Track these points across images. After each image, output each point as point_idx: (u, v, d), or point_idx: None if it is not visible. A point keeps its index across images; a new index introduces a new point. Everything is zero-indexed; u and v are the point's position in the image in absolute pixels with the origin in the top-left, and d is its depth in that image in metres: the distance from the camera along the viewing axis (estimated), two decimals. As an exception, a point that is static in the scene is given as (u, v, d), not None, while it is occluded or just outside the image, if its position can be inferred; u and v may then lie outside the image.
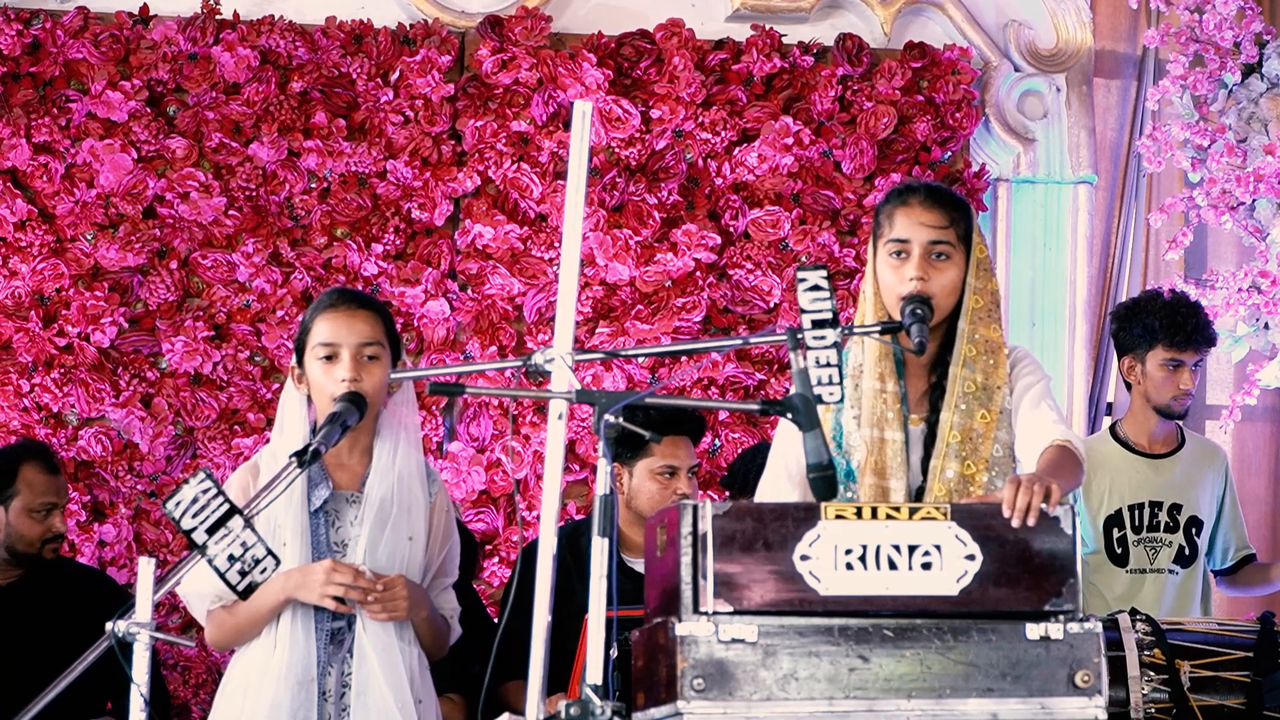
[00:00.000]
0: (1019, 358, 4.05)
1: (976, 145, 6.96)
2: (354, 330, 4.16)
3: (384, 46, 6.56)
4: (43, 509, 5.49)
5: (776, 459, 4.02)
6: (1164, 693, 4.17)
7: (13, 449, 5.67)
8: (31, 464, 5.54)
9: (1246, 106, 6.71)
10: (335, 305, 4.20)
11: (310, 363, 4.17)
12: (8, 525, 5.46)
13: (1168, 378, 5.84)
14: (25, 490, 5.48)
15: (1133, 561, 5.86)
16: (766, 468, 4.05)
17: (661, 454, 5.30)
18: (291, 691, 4.08)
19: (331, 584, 4.07)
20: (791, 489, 3.95)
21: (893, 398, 3.96)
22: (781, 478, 3.98)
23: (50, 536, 5.50)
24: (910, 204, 4.00)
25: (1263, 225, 6.68)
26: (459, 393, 3.70)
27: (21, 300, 6.29)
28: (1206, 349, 5.87)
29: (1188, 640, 4.25)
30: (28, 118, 6.34)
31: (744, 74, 6.75)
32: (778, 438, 4.06)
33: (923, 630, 3.41)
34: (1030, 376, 4.00)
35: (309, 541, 4.15)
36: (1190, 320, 5.80)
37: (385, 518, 4.18)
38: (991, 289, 4.03)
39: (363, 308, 4.21)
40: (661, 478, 5.31)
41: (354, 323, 4.17)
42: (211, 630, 4.22)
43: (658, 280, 6.61)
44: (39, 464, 5.56)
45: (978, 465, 3.93)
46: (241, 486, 4.17)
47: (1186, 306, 5.85)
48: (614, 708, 3.27)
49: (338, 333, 4.16)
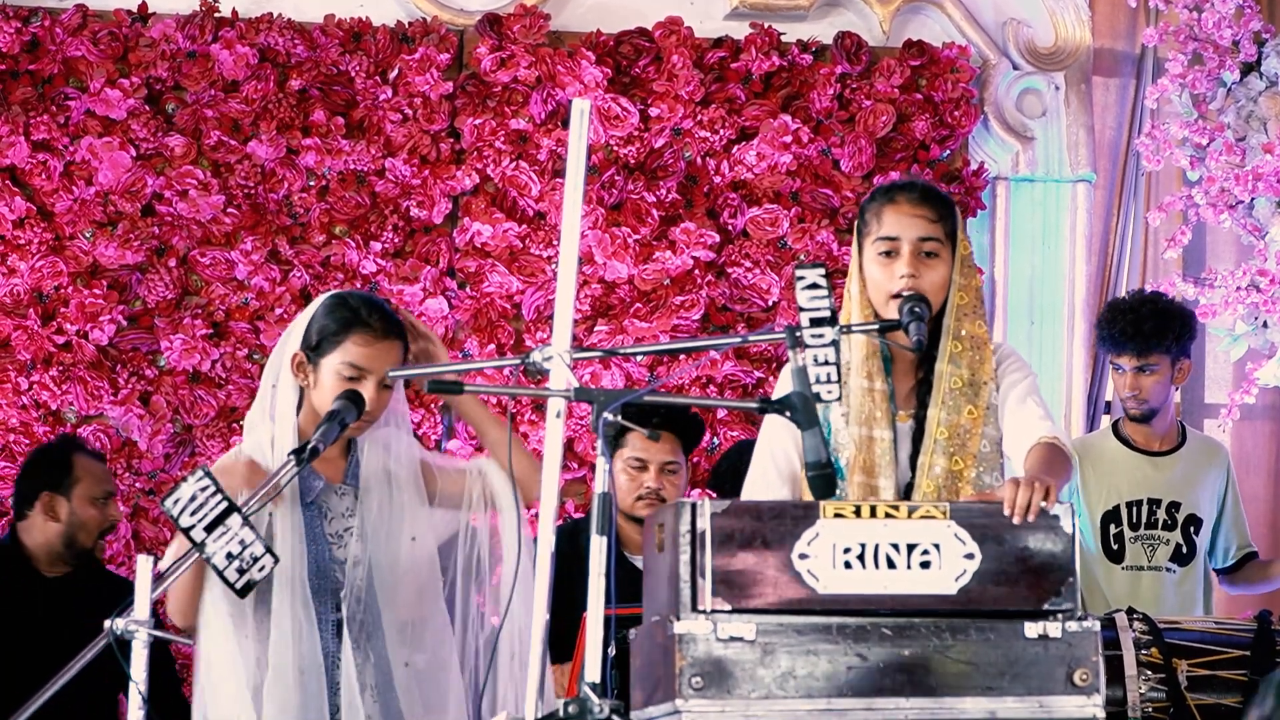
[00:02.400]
0: (1005, 354, 4.05)
1: (975, 143, 6.96)
2: (386, 360, 4.12)
3: (382, 44, 6.56)
4: (103, 496, 5.55)
5: (764, 454, 4.01)
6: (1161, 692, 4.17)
7: (57, 443, 5.76)
8: (82, 453, 5.62)
9: (1245, 105, 6.71)
10: (372, 328, 4.13)
11: (329, 372, 4.12)
12: (72, 514, 5.51)
13: (1117, 379, 5.87)
14: (87, 478, 5.54)
15: (1129, 558, 5.86)
16: (753, 463, 4.04)
17: (632, 446, 5.32)
18: (301, 684, 4.08)
19: None
20: (781, 485, 3.95)
21: (881, 396, 3.96)
22: (770, 473, 3.98)
23: (106, 527, 5.58)
24: (899, 201, 3.99)
25: (1261, 224, 6.68)
26: (457, 391, 3.71)
27: (20, 298, 6.29)
28: (1150, 354, 5.76)
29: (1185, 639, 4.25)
30: (26, 115, 6.33)
31: (743, 72, 6.75)
32: (764, 433, 4.06)
33: (921, 629, 3.41)
34: (1016, 374, 4.00)
35: (302, 535, 4.15)
36: (1127, 325, 5.76)
37: (380, 506, 4.18)
38: (975, 285, 4.03)
39: (398, 338, 4.17)
40: (630, 469, 5.34)
41: (389, 354, 4.13)
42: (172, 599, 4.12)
43: (656, 278, 6.61)
44: (88, 453, 5.66)
45: (965, 460, 3.93)
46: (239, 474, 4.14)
47: (1132, 312, 5.80)
48: (612, 706, 3.27)
49: (372, 360, 4.12)
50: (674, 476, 5.38)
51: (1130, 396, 5.83)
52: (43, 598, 5.52)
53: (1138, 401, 5.82)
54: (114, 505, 5.61)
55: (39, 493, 5.50)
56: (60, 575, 5.54)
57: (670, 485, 5.36)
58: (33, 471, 5.58)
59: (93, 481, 5.54)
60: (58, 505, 5.49)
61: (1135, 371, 5.79)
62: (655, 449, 5.33)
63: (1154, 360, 5.77)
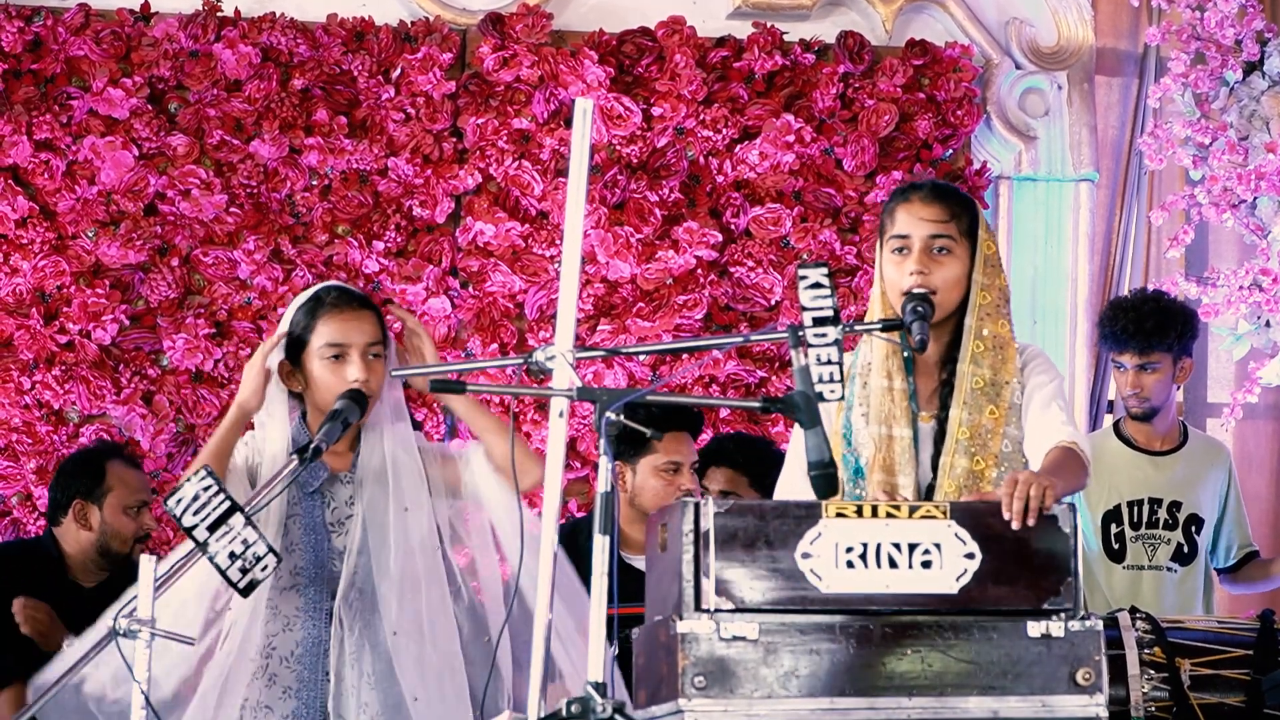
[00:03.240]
0: (1031, 356, 4.05)
1: (978, 143, 6.95)
2: (362, 331, 4.19)
3: (385, 44, 6.56)
4: (136, 505, 5.51)
5: (792, 459, 4.02)
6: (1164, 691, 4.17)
7: (94, 449, 5.70)
8: (118, 461, 5.56)
9: (1248, 104, 6.71)
10: (340, 306, 4.21)
11: (314, 362, 4.18)
12: (103, 523, 5.46)
13: (1119, 378, 5.88)
14: (119, 487, 5.49)
15: (1130, 557, 5.86)
16: (784, 467, 4.05)
17: (665, 450, 5.32)
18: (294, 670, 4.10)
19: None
20: (808, 488, 3.95)
21: (900, 395, 3.97)
22: (797, 478, 3.97)
23: (141, 535, 5.52)
24: (911, 200, 4.01)
25: (1264, 223, 6.68)
26: (460, 390, 3.71)
27: (23, 297, 6.29)
28: (1152, 352, 5.76)
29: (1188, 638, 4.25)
30: (29, 115, 6.34)
31: (745, 71, 6.75)
32: (794, 437, 4.06)
33: (924, 628, 3.41)
34: (1042, 376, 4.00)
35: (299, 521, 4.17)
36: (1129, 323, 5.76)
37: (377, 491, 4.20)
38: (1000, 285, 4.03)
39: (365, 307, 4.24)
40: (666, 474, 5.34)
41: (361, 324, 4.20)
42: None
43: (659, 278, 6.61)
44: (124, 461, 5.60)
45: (987, 461, 3.93)
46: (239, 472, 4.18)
47: (1134, 310, 5.81)
48: (615, 705, 3.27)
49: (347, 334, 4.18)
50: (695, 474, 5.40)
51: (1132, 395, 5.82)
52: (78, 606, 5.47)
53: (1139, 400, 5.81)
54: (148, 514, 5.55)
55: (72, 500, 5.46)
56: (97, 584, 5.49)
57: (694, 484, 5.38)
58: (67, 478, 5.52)
59: (126, 491, 5.49)
60: (90, 514, 5.45)
61: (1137, 370, 5.79)
62: (686, 450, 5.35)
63: (1156, 358, 5.77)
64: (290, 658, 4.13)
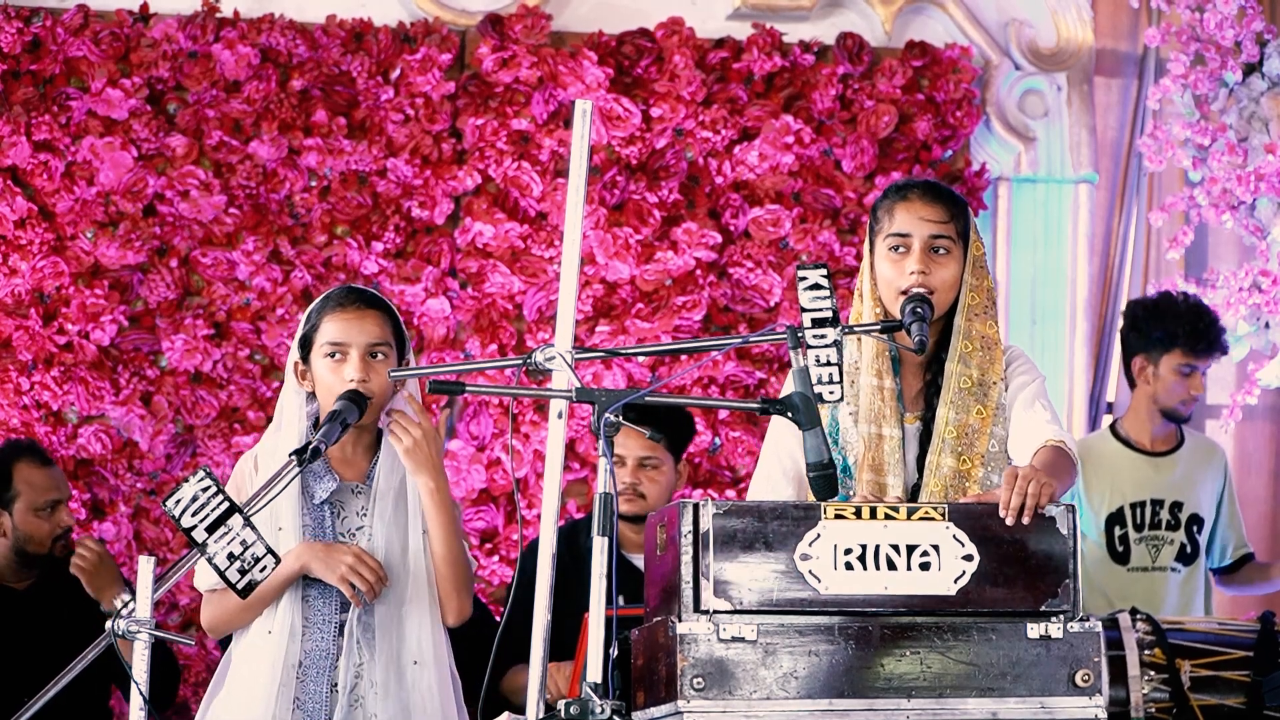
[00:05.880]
0: (1014, 356, 4.05)
1: (977, 144, 6.95)
2: (363, 330, 4.15)
3: (384, 45, 6.56)
4: (47, 506, 5.45)
5: (769, 456, 4.01)
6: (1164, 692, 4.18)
7: (2, 451, 5.59)
8: (25, 462, 5.49)
9: (1247, 105, 6.71)
10: (344, 304, 4.19)
11: (317, 360, 4.16)
12: (15, 528, 5.42)
13: (1179, 382, 5.87)
14: (26, 490, 5.44)
15: (1134, 559, 5.86)
16: (759, 464, 4.04)
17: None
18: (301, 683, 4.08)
19: (355, 573, 4.06)
20: (786, 485, 3.94)
21: (890, 394, 3.96)
22: (776, 474, 3.96)
23: (60, 533, 5.46)
24: (910, 199, 3.99)
25: (1263, 224, 6.68)
26: (459, 391, 3.70)
27: (21, 298, 6.29)
28: (1221, 357, 5.94)
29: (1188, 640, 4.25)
30: (28, 115, 6.34)
31: (744, 72, 6.75)
32: (770, 434, 4.05)
33: (923, 629, 3.41)
34: (1025, 376, 3.99)
35: (308, 532, 4.14)
36: (1212, 329, 5.88)
37: (395, 510, 4.17)
38: (987, 286, 4.02)
39: (371, 307, 4.20)
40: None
41: (363, 323, 4.16)
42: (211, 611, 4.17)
43: (658, 279, 6.61)
44: (32, 460, 5.52)
45: (973, 460, 3.93)
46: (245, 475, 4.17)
47: (1208, 314, 5.92)
48: (613, 706, 3.27)
49: (347, 332, 4.15)
50: (653, 472, 5.24)
51: (1194, 398, 5.87)
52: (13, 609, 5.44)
53: (1194, 402, 5.88)
54: (64, 511, 5.48)
55: None
56: (28, 587, 5.47)
57: (649, 480, 5.23)
58: None
59: (34, 492, 5.44)
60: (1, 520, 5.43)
61: (1203, 374, 5.86)
62: (631, 443, 5.18)
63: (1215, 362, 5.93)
64: (297, 668, 4.11)
